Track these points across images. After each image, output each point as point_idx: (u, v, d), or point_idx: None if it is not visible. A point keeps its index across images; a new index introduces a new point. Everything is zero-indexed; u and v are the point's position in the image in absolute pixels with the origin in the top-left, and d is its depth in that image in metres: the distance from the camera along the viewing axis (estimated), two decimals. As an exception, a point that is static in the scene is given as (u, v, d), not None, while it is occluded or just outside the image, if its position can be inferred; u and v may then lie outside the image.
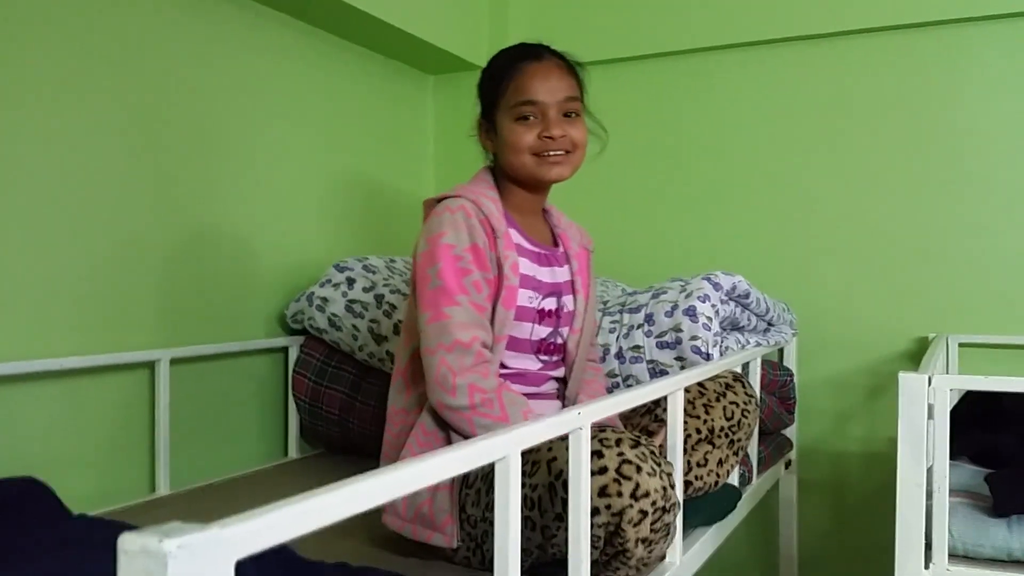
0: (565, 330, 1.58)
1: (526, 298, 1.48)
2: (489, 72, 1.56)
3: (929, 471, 1.48)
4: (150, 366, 1.93)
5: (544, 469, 1.30)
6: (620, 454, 1.21)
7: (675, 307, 1.84)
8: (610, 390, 1.88)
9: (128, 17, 1.89)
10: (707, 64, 2.72)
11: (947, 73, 2.44)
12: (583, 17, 2.84)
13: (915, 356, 2.46)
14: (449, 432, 1.39)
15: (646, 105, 2.81)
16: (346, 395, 2.18)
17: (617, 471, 1.21)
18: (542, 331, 1.53)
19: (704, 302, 1.83)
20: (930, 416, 1.46)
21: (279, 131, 2.32)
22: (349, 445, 2.23)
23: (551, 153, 1.48)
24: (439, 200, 1.48)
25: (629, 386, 1.88)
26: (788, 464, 2.46)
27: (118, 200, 1.87)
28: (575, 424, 1.07)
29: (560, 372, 1.61)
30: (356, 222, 2.62)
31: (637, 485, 1.20)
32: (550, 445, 1.29)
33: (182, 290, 2.03)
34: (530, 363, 1.54)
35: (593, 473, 1.19)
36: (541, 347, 1.54)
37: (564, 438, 1.06)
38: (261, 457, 2.25)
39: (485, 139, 1.56)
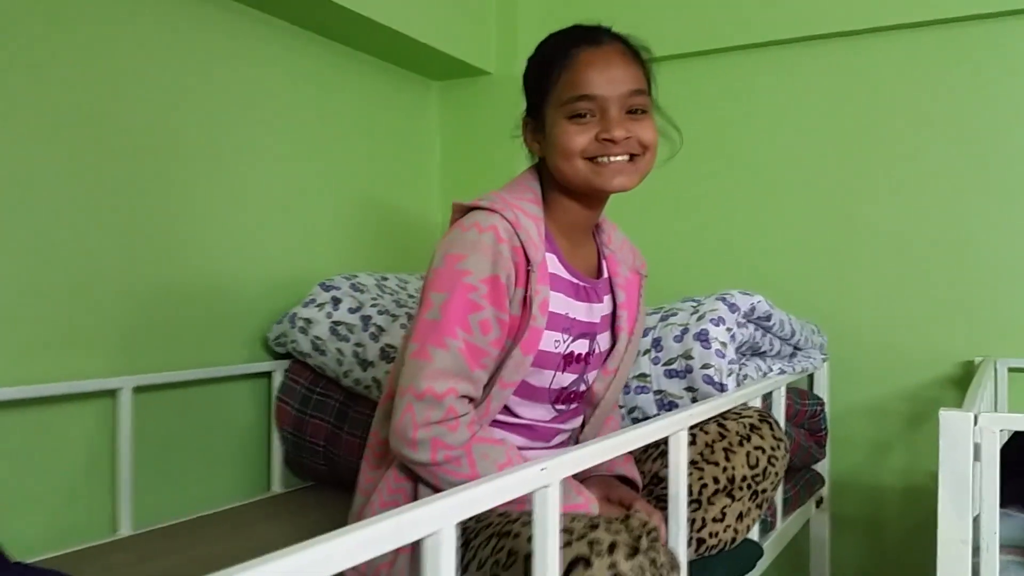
0: (592, 375, 1.37)
1: (552, 342, 1.26)
2: (537, 59, 1.32)
3: (976, 522, 1.28)
4: (112, 395, 1.77)
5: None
6: (612, 565, 0.96)
7: (685, 331, 1.65)
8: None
9: (95, 14, 1.75)
10: (730, 66, 2.52)
11: (995, 72, 2.21)
12: (596, 18, 2.66)
13: (960, 382, 2.24)
14: (417, 484, 1.21)
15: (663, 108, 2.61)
16: (332, 425, 2.01)
17: None
18: (565, 379, 1.31)
19: (718, 325, 1.63)
20: (976, 458, 1.26)
21: (267, 138, 2.16)
22: (336, 479, 2.06)
23: (612, 159, 1.23)
24: (471, 208, 1.24)
25: (635, 419, 1.69)
26: (820, 502, 2.24)
27: (76, 207, 1.71)
28: (538, 482, 0.88)
29: (575, 423, 1.40)
30: (352, 237, 2.45)
31: None
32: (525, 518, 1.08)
33: (153, 310, 1.87)
34: (543, 413, 1.33)
35: None
36: (561, 396, 1.33)
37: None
38: (242, 492, 2.08)
39: (532, 141, 1.32)
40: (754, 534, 1.59)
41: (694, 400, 1.62)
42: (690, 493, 1.35)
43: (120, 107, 1.80)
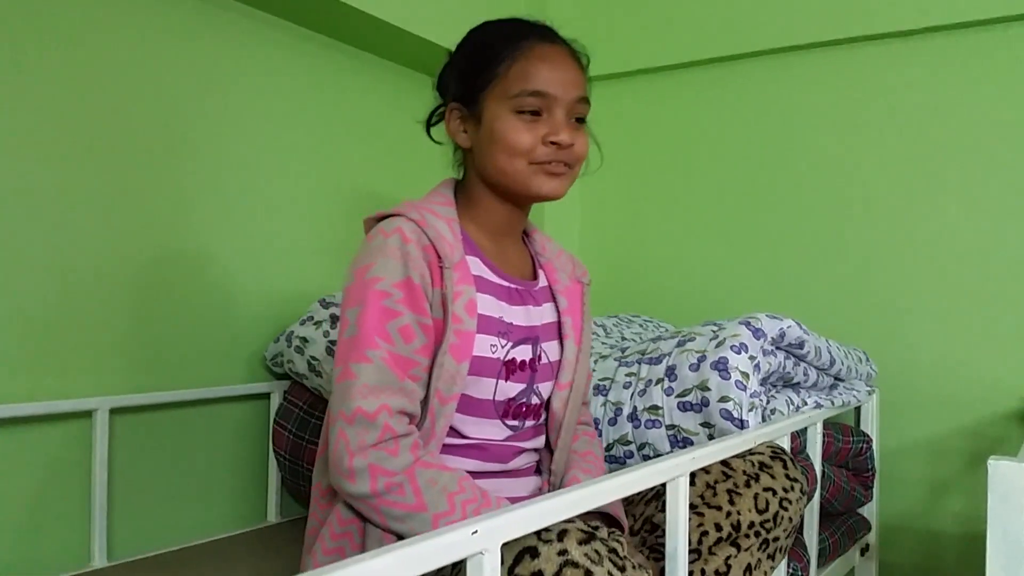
0: (546, 386, 1.23)
1: (487, 346, 1.14)
2: (478, 45, 1.21)
3: (1035, 591, 1.08)
4: (88, 416, 1.67)
5: None
6: (563, 552, 0.86)
7: (702, 359, 1.47)
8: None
9: (81, 8, 1.65)
10: (761, 70, 2.35)
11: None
12: (605, 21, 2.51)
13: (1028, 418, 2.01)
14: (365, 524, 1.07)
15: (686, 119, 2.45)
16: (329, 452, 1.88)
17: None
18: (511, 388, 1.18)
19: (739, 353, 1.45)
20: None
21: (265, 142, 2.03)
22: (334, 509, 1.92)
23: (554, 164, 1.15)
24: (380, 219, 1.16)
25: (645, 456, 1.52)
26: (865, 550, 2.03)
27: (55, 210, 1.61)
28: (471, 548, 0.73)
29: (537, 443, 1.25)
30: (356, 247, 2.31)
31: None
32: None
33: (142, 325, 1.76)
34: (495, 431, 1.18)
35: None
36: (510, 409, 1.19)
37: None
38: (235, 521, 1.96)
39: (458, 128, 1.21)
40: (777, 585, 1.40)
41: (711, 437, 1.44)
42: (687, 542, 1.18)
43: (107, 111, 1.70)
